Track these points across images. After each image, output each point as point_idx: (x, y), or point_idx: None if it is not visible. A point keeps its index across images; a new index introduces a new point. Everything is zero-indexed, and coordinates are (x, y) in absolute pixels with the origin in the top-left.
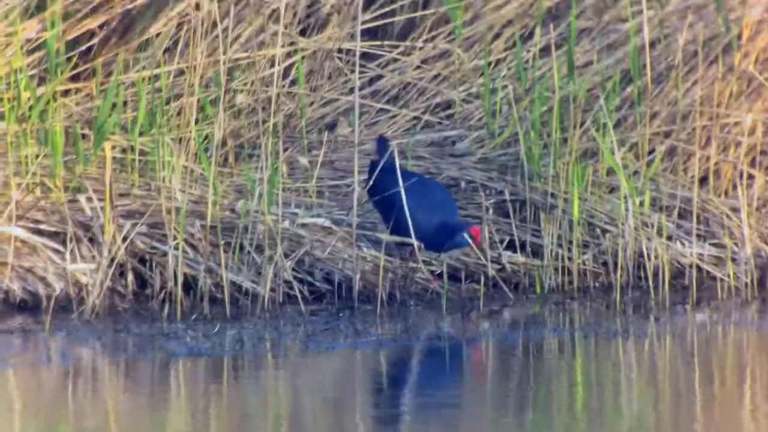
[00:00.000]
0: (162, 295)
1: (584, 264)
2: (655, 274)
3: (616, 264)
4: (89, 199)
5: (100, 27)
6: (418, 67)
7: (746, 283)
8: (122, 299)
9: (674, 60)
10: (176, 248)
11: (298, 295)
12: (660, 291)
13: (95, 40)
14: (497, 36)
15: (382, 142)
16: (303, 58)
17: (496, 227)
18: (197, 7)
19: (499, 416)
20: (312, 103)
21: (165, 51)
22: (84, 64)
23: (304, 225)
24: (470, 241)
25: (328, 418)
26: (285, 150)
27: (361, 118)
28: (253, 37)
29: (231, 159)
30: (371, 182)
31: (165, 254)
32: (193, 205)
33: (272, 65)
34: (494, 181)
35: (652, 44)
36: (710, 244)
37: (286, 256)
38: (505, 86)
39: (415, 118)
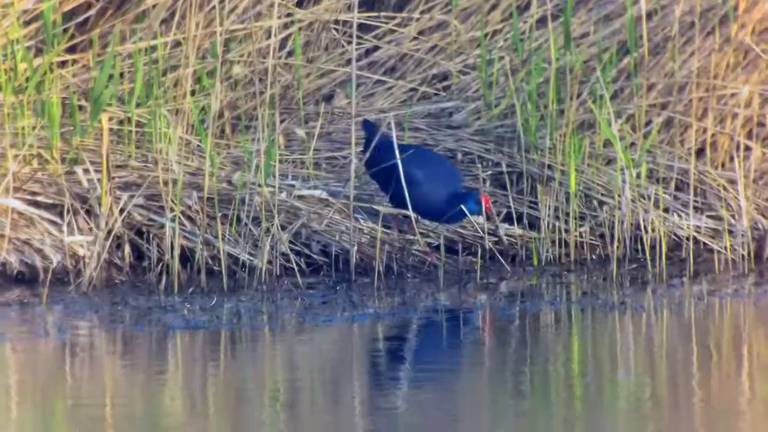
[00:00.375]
0: (159, 267)
1: (581, 236)
2: (652, 247)
3: (613, 236)
4: (86, 171)
5: None
6: (415, 38)
7: (743, 255)
8: (119, 272)
9: (671, 31)
10: (173, 220)
11: (295, 268)
12: (657, 263)
13: (92, 12)
14: (494, 7)
15: (369, 123)
16: (300, 29)
17: (492, 199)
18: None
19: (496, 389)
20: (309, 75)
21: (162, 22)
22: (81, 36)
23: (301, 197)
24: (479, 208)
25: (325, 391)
26: (282, 122)
27: (358, 89)
28: (249, 9)
29: (228, 131)
30: (369, 154)
31: (162, 226)
32: (190, 176)
33: (269, 37)
34: (491, 152)
35: (649, 15)
36: (707, 216)
37: (283, 228)
38: (502, 57)
39: (411, 89)
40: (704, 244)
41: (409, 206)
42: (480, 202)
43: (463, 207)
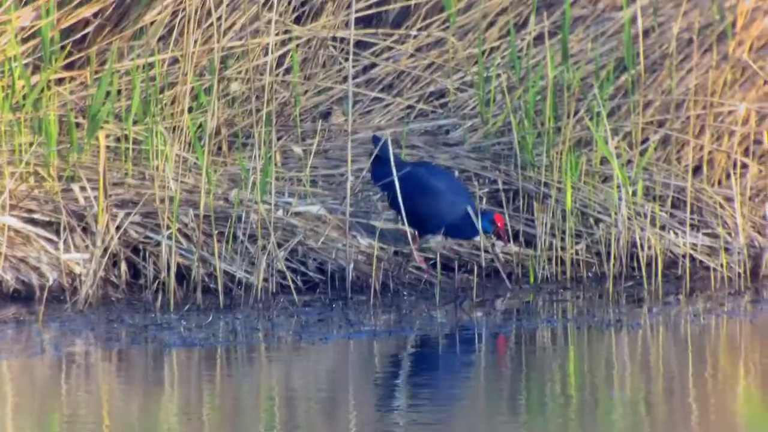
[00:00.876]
0: (155, 285)
1: (577, 254)
2: (649, 264)
3: (609, 254)
4: (83, 189)
5: (95, 15)
6: (412, 55)
7: (739, 273)
8: (115, 289)
9: (668, 48)
10: (169, 238)
11: (291, 286)
12: (653, 281)
13: (90, 29)
14: (491, 24)
15: (377, 138)
16: (297, 46)
17: None
18: None
19: (492, 407)
20: (306, 92)
21: (159, 39)
22: (78, 53)
23: (297, 214)
24: (493, 228)
25: (321, 408)
26: (279, 139)
27: (355, 106)
28: (247, 26)
29: (225, 148)
30: (380, 166)
31: (158, 244)
32: (187, 194)
33: (266, 53)
34: (488, 170)
35: (647, 32)
36: (704, 234)
37: (280, 245)
38: (499, 75)
39: (409, 106)
40: (700, 261)
41: (407, 218)
42: (494, 222)
43: (476, 223)
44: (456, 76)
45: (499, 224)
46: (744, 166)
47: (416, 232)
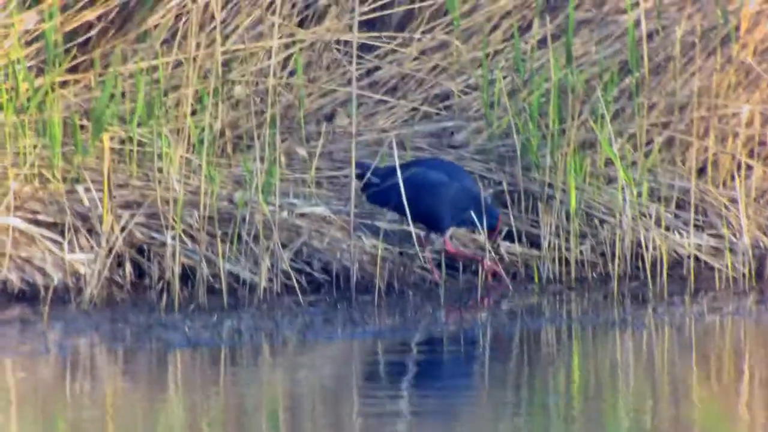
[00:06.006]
0: (160, 285)
1: (582, 254)
2: (653, 265)
3: (614, 254)
4: (87, 190)
5: (98, 18)
6: (416, 58)
7: (744, 274)
8: (120, 289)
9: (672, 51)
10: (174, 238)
11: (296, 286)
12: (658, 281)
13: (93, 32)
14: (495, 27)
15: (360, 163)
16: (301, 49)
17: None
18: None
19: (497, 408)
20: (310, 95)
21: (163, 42)
22: (82, 55)
23: (302, 215)
24: (496, 223)
25: (325, 409)
26: (283, 141)
27: (359, 109)
28: (250, 29)
29: (229, 149)
30: (375, 182)
31: (163, 244)
32: (191, 195)
33: (270, 57)
34: (492, 172)
35: (650, 35)
36: (708, 235)
37: (284, 246)
38: (504, 77)
39: (413, 109)
40: (705, 262)
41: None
42: (498, 219)
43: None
44: (460, 78)
45: (498, 223)
46: (749, 167)
47: (422, 235)
